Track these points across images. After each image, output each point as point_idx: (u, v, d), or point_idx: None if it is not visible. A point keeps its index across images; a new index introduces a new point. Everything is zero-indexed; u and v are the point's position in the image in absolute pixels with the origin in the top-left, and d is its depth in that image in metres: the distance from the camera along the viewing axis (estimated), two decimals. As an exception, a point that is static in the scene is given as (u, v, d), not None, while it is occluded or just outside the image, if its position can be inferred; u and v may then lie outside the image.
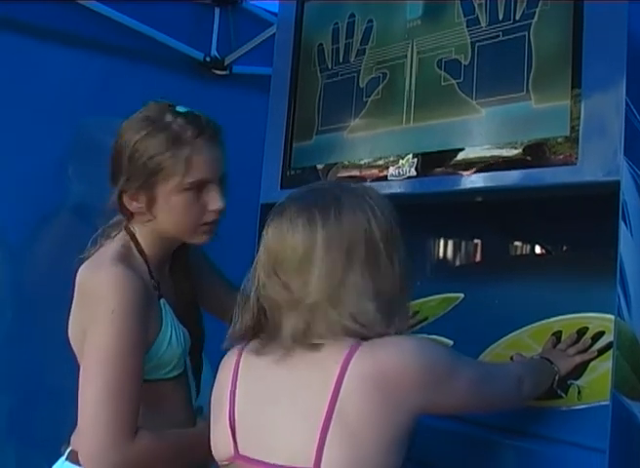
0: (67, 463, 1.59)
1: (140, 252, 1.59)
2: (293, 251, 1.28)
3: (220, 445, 1.37)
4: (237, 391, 1.36)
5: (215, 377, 1.44)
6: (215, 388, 1.42)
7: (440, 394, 1.27)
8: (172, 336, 1.56)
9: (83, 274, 1.55)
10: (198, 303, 1.74)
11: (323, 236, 1.27)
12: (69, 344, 1.61)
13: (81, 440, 1.47)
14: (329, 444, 1.22)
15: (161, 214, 1.56)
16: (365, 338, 1.27)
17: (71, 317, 1.59)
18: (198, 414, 1.66)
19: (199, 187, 1.55)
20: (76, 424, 1.58)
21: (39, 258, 2.94)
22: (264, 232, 1.35)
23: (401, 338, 1.29)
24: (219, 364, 1.43)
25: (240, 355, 1.38)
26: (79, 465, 1.53)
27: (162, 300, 1.58)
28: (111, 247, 1.57)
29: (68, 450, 1.61)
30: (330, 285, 1.26)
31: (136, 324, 1.47)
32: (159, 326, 1.55)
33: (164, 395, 1.57)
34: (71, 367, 1.62)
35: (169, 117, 1.55)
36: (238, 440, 1.34)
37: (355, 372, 1.23)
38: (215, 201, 1.57)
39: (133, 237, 1.59)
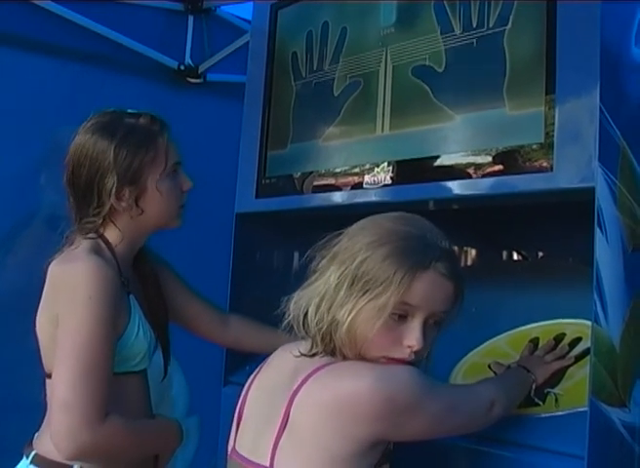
0: (32, 467, 1.60)
1: (110, 250, 1.64)
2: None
3: (230, 438, 1.44)
4: (252, 387, 1.44)
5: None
6: None
7: (396, 427, 1.26)
8: (139, 330, 1.61)
9: (56, 268, 1.59)
10: (165, 303, 1.78)
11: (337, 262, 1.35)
12: (37, 346, 1.62)
13: (52, 419, 1.49)
14: (281, 448, 1.27)
15: (150, 204, 1.66)
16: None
17: (41, 309, 1.62)
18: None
19: (175, 171, 1.70)
20: (39, 427, 1.63)
21: (9, 268, 2.90)
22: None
23: (361, 368, 1.28)
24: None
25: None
26: None
27: (131, 296, 1.63)
28: (83, 244, 1.62)
29: (33, 453, 1.61)
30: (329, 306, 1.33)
31: (110, 311, 1.53)
32: (128, 318, 1.59)
33: (126, 388, 1.60)
34: (39, 376, 1.61)
35: (130, 119, 1.68)
36: (238, 435, 1.40)
37: (309, 392, 1.26)
38: (187, 181, 1.73)
39: (102, 237, 1.65)
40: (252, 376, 1.46)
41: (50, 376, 1.60)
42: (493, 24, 1.63)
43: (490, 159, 1.59)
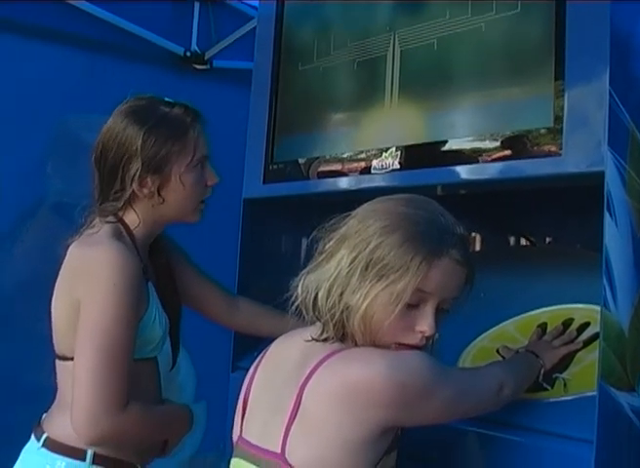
0: (44, 450, 1.60)
1: (130, 235, 1.65)
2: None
3: (235, 425, 1.43)
4: (256, 374, 1.42)
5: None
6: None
7: (408, 412, 1.26)
8: (156, 318, 1.62)
9: (77, 251, 1.60)
10: (178, 291, 1.79)
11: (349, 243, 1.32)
12: (50, 338, 1.63)
13: (74, 406, 1.50)
14: (292, 435, 1.26)
15: (171, 194, 1.66)
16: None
17: (58, 292, 1.62)
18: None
19: (202, 164, 1.69)
20: (48, 408, 1.64)
21: (17, 256, 2.91)
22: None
23: (372, 354, 1.28)
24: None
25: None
26: (59, 453, 1.57)
27: (149, 283, 1.64)
28: (104, 228, 1.62)
29: (45, 437, 1.62)
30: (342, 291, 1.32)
31: (134, 297, 1.54)
32: (146, 304, 1.60)
33: (140, 374, 1.60)
34: (49, 365, 1.62)
35: (164, 107, 1.67)
36: (244, 422, 1.40)
37: (320, 379, 1.25)
38: (212, 176, 1.71)
39: (121, 221, 1.65)
40: (255, 363, 1.46)
41: (61, 358, 1.61)
42: (501, 9, 1.62)
43: (498, 143, 1.58)
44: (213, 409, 1.78)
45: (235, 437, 1.43)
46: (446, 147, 1.69)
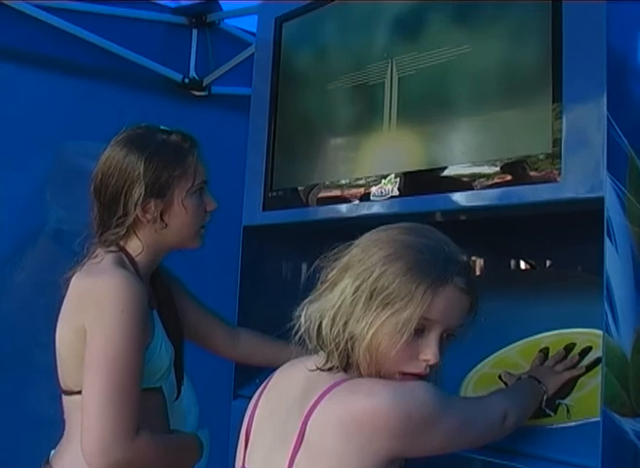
0: None
1: (133, 264, 1.65)
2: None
3: (238, 454, 1.41)
4: (259, 403, 1.41)
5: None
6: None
7: (413, 444, 1.25)
8: (162, 346, 1.62)
9: (82, 281, 1.60)
10: (180, 321, 1.78)
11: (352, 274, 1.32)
12: (55, 364, 1.62)
13: (84, 436, 1.49)
14: (297, 466, 1.25)
15: (174, 219, 1.68)
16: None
17: (63, 323, 1.61)
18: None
19: (202, 190, 1.71)
20: (55, 445, 1.63)
21: (17, 283, 2.90)
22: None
23: (377, 385, 1.27)
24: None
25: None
26: None
27: (154, 311, 1.64)
28: (107, 258, 1.63)
29: None
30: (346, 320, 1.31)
31: (141, 325, 1.54)
32: (152, 333, 1.60)
33: (148, 404, 1.59)
34: (52, 393, 1.61)
35: (162, 134, 1.70)
36: (247, 452, 1.39)
37: (325, 410, 1.24)
38: (211, 202, 1.74)
39: (123, 250, 1.66)
40: (258, 392, 1.45)
41: (67, 393, 1.61)
42: (499, 33, 1.63)
43: (497, 169, 1.58)
44: (214, 437, 1.77)
45: (238, 467, 1.42)
46: (444, 174, 1.69)
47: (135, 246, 1.67)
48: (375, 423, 1.21)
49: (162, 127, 1.72)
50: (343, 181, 1.91)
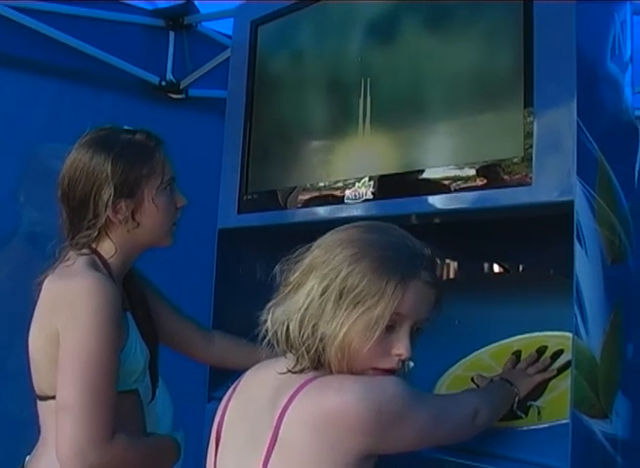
0: None
1: (106, 266, 1.64)
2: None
3: (209, 456, 1.41)
4: (229, 406, 1.41)
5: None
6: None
7: (385, 439, 1.25)
8: (136, 348, 1.61)
9: (53, 284, 1.59)
10: (154, 322, 1.77)
11: (317, 276, 1.32)
12: (28, 368, 1.60)
13: (59, 441, 1.48)
14: (271, 466, 1.25)
15: (146, 217, 1.67)
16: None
17: (35, 328, 1.60)
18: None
19: (170, 186, 1.70)
20: (31, 448, 1.61)
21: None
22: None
23: (347, 381, 1.27)
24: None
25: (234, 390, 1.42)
26: None
27: (127, 313, 1.63)
28: (79, 260, 1.61)
29: None
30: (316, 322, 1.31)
31: (115, 327, 1.53)
32: (126, 335, 1.59)
33: (125, 407, 1.58)
34: (25, 396, 1.60)
35: (126, 134, 1.69)
36: (218, 455, 1.38)
37: (297, 408, 1.24)
38: (181, 198, 1.73)
39: (96, 252, 1.65)
40: (228, 394, 1.44)
41: (42, 398, 1.59)
42: (471, 38, 1.65)
43: (470, 173, 1.60)
44: (188, 439, 1.77)
45: None
46: (418, 177, 1.70)
47: (107, 247, 1.66)
48: (345, 419, 1.21)
49: (126, 127, 1.72)
50: (319, 184, 1.92)
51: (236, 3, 2.38)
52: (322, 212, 1.90)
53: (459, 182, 1.61)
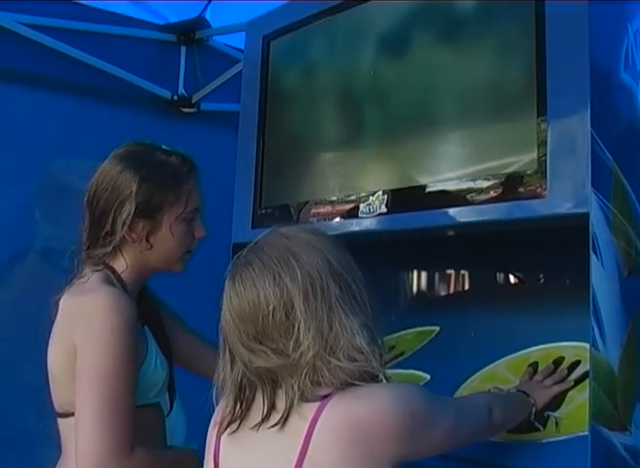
0: None
1: (120, 281, 1.64)
2: (271, 315, 1.24)
3: None
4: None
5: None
6: None
7: (417, 442, 1.25)
8: (156, 361, 1.62)
9: (70, 299, 1.59)
10: (168, 338, 1.77)
11: (295, 289, 1.25)
12: (46, 385, 1.61)
13: (79, 455, 1.48)
14: None
15: (160, 242, 1.66)
16: (361, 378, 1.26)
17: (54, 344, 1.60)
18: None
19: (193, 216, 1.70)
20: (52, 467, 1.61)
21: (5, 302, 2.89)
22: (226, 307, 1.30)
23: (376, 388, 1.26)
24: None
25: (219, 439, 1.37)
26: None
27: (145, 327, 1.64)
28: (95, 276, 1.61)
29: None
30: (321, 334, 1.24)
31: (132, 340, 1.53)
32: (145, 349, 1.60)
33: (145, 421, 1.58)
34: (42, 409, 1.60)
35: (162, 154, 1.68)
36: None
37: (327, 423, 1.22)
38: (200, 229, 1.72)
39: (110, 268, 1.65)
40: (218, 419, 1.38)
41: (62, 415, 1.59)
42: (483, 50, 1.65)
43: (484, 186, 1.59)
44: (200, 452, 1.77)
45: None
46: (432, 190, 1.70)
47: (119, 263, 1.66)
48: (381, 425, 1.21)
49: (164, 146, 1.71)
50: (334, 198, 1.92)
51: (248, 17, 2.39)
52: (336, 226, 1.89)
53: (472, 195, 1.61)
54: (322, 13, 2.00)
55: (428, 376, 1.78)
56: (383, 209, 1.77)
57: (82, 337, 1.53)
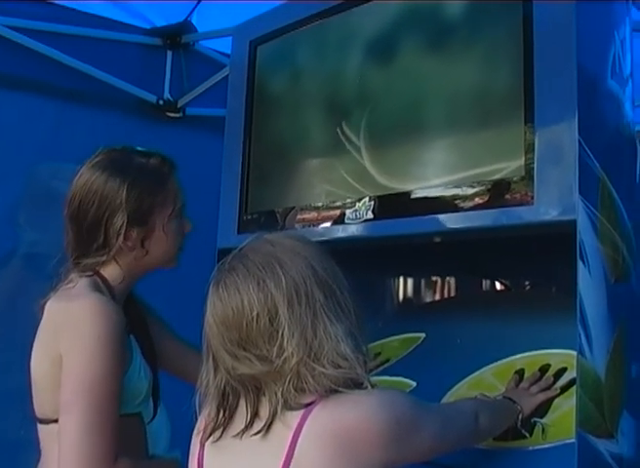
0: None
1: (108, 288, 1.62)
2: (255, 321, 1.24)
3: None
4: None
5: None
6: None
7: (403, 448, 1.25)
8: (140, 371, 1.60)
9: (57, 305, 1.57)
10: (153, 345, 1.75)
11: (279, 295, 1.24)
12: (28, 390, 1.59)
13: (62, 463, 1.45)
14: None
15: (155, 245, 1.66)
16: (345, 385, 1.24)
17: (38, 350, 1.58)
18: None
19: (180, 213, 1.70)
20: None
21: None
22: (210, 313, 1.29)
23: (360, 394, 1.25)
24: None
25: (202, 447, 1.36)
26: None
27: (131, 336, 1.62)
28: (81, 282, 1.59)
29: None
30: (305, 340, 1.23)
31: (119, 349, 1.51)
32: (130, 357, 1.58)
33: (128, 430, 1.56)
34: (25, 418, 1.58)
35: (141, 158, 1.66)
36: None
37: (312, 431, 1.21)
38: (187, 223, 1.73)
39: (99, 274, 1.63)
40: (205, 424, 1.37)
41: (44, 422, 1.57)
42: (471, 57, 1.65)
43: (471, 192, 1.59)
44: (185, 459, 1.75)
45: None
46: (418, 196, 1.70)
47: (113, 272, 1.64)
48: (366, 432, 1.20)
49: (139, 148, 1.69)
50: (320, 204, 1.92)
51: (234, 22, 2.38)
52: (322, 232, 1.89)
53: (459, 201, 1.61)
54: (309, 18, 2.00)
55: (414, 383, 1.78)
56: (370, 215, 1.77)
57: (68, 345, 1.50)
